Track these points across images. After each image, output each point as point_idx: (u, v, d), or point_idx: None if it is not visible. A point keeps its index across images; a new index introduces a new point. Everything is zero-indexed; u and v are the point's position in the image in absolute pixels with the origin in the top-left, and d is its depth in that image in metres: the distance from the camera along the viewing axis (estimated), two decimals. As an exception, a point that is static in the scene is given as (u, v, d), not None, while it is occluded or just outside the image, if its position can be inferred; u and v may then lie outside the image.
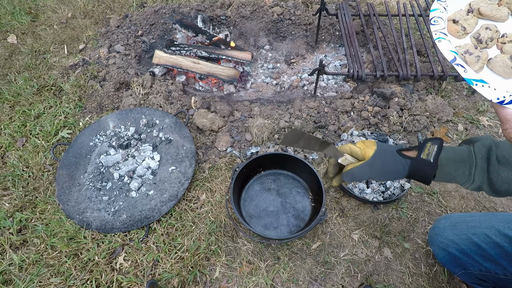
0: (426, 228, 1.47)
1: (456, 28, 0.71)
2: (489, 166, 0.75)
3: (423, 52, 2.11)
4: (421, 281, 1.34)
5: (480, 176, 0.76)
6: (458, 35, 0.71)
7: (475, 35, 0.70)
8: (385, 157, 0.83)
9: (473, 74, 0.64)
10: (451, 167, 0.78)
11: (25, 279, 1.35)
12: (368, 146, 0.86)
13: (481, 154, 0.76)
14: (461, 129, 1.80)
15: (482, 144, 0.77)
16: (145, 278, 1.35)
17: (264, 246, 1.44)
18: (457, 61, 0.66)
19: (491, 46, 0.70)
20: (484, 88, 0.61)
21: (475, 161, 0.76)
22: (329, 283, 1.35)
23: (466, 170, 0.77)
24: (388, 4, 2.44)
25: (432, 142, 0.81)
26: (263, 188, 1.57)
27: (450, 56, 0.66)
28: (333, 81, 2.19)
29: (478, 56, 0.66)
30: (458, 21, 0.71)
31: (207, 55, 2.16)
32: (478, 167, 0.76)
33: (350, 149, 0.88)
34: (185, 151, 1.68)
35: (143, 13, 2.43)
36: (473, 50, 0.67)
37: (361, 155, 0.87)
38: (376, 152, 0.84)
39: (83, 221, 1.49)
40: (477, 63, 0.66)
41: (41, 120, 1.91)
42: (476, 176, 0.76)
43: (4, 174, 1.69)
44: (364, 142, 0.89)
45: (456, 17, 0.72)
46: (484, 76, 0.65)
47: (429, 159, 0.78)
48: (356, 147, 0.87)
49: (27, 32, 2.50)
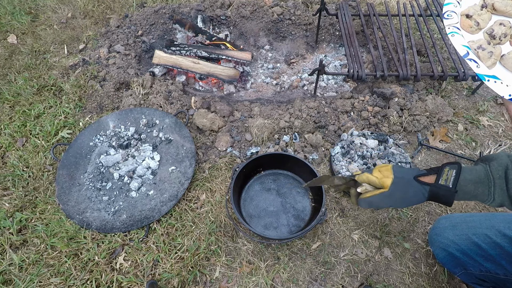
0: (426, 228, 1.47)
1: (470, 23, 0.70)
2: (507, 184, 0.74)
3: (423, 52, 2.11)
4: (421, 281, 1.34)
5: (500, 195, 0.76)
6: (471, 30, 0.70)
7: (489, 30, 0.69)
8: (404, 186, 0.83)
9: (486, 70, 0.63)
10: (470, 187, 0.78)
11: (25, 279, 1.35)
12: (385, 175, 0.86)
13: (498, 174, 0.76)
14: (461, 129, 1.80)
15: (498, 164, 0.77)
16: (145, 278, 1.35)
17: (264, 246, 1.44)
18: (469, 56, 0.65)
19: (504, 42, 0.69)
20: (496, 84, 0.61)
21: (493, 181, 0.76)
22: (329, 283, 1.35)
23: (486, 190, 0.77)
24: (388, 4, 2.44)
25: (450, 167, 0.81)
26: (263, 188, 1.57)
27: (463, 51, 0.66)
28: (333, 81, 2.19)
29: (491, 52, 0.65)
30: (471, 16, 0.70)
31: (207, 55, 2.16)
32: (497, 186, 0.76)
33: (368, 178, 0.89)
34: (185, 151, 1.68)
35: (143, 13, 2.43)
36: (486, 45, 0.66)
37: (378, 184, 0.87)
38: (394, 182, 0.84)
39: (83, 221, 1.49)
40: (490, 58, 0.65)
41: (41, 120, 1.91)
42: (496, 195, 0.76)
43: (4, 174, 1.69)
44: (380, 170, 0.88)
45: (470, 12, 0.71)
46: (496, 72, 0.64)
47: (447, 184, 0.79)
48: (373, 177, 0.87)
49: (27, 32, 2.50)
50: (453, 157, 1.70)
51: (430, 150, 1.73)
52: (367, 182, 0.89)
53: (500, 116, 1.87)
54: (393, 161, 1.59)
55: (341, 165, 1.61)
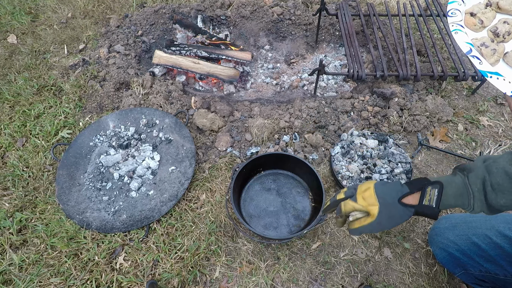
0: (426, 228, 1.47)
1: (474, 21, 0.70)
2: (486, 195, 0.78)
3: (423, 52, 2.11)
4: (421, 281, 1.34)
5: (479, 206, 0.79)
6: (475, 28, 0.71)
7: (493, 28, 0.70)
8: (389, 211, 0.86)
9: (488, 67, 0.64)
10: (451, 200, 0.82)
11: (25, 279, 1.35)
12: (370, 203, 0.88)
13: (476, 187, 0.79)
14: (461, 129, 1.80)
15: (476, 176, 0.79)
16: (145, 278, 1.35)
17: (264, 246, 1.44)
18: (472, 53, 0.65)
19: (508, 40, 0.69)
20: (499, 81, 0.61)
21: (473, 194, 0.79)
22: (329, 283, 1.35)
23: (466, 201, 0.80)
24: (388, 4, 2.44)
25: (432, 187, 0.83)
26: (263, 188, 1.57)
27: (466, 48, 0.66)
28: (333, 81, 2.19)
29: (494, 49, 0.66)
30: (475, 14, 0.71)
31: (207, 55, 2.16)
32: (476, 199, 0.79)
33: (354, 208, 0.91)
34: (185, 151, 1.68)
35: (143, 13, 2.43)
36: (489, 43, 0.67)
37: (365, 210, 0.90)
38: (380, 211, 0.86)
39: (83, 221, 1.49)
40: (493, 56, 0.65)
41: (41, 120, 1.91)
42: (475, 205, 0.79)
43: (4, 174, 1.69)
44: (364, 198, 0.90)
45: (474, 10, 0.71)
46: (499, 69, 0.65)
47: (431, 204, 0.81)
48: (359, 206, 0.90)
49: (27, 32, 2.50)
50: (453, 157, 1.70)
51: (430, 150, 1.73)
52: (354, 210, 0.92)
53: (500, 116, 1.87)
54: (393, 161, 1.60)
55: (341, 165, 1.61)
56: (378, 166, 1.58)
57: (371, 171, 1.58)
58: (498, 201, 0.76)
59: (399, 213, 0.85)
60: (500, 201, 0.76)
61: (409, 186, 0.87)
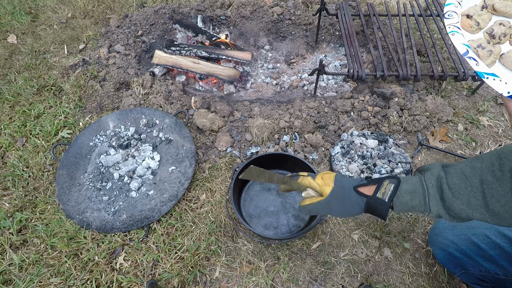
0: (426, 228, 1.47)
1: (470, 23, 0.71)
2: (442, 194, 0.75)
3: (423, 52, 2.11)
4: (421, 281, 1.34)
5: (435, 205, 0.76)
6: (472, 30, 0.71)
7: (489, 30, 0.71)
8: (342, 195, 0.85)
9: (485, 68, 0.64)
10: (406, 197, 0.79)
11: (25, 279, 1.35)
12: (326, 183, 0.88)
13: (431, 183, 0.77)
14: (461, 129, 1.80)
15: (431, 174, 0.78)
16: (145, 278, 1.35)
17: (264, 246, 1.44)
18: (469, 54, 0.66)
19: (504, 41, 0.70)
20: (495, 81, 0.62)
21: (427, 190, 0.77)
22: (329, 283, 1.35)
23: (421, 201, 0.77)
24: (388, 4, 2.44)
25: (390, 181, 0.82)
26: (263, 188, 1.57)
27: (463, 49, 0.67)
28: (333, 81, 2.19)
29: (491, 51, 0.66)
30: (472, 16, 0.72)
31: (207, 55, 2.16)
32: (431, 196, 0.76)
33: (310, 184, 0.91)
34: (185, 151, 1.68)
35: (143, 13, 2.43)
36: (485, 44, 0.67)
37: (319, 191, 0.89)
38: (333, 191, 0.86)
39: (83, 221, 1.49)
40: (489, 57, 0.66)
41: (41, 120, 1.91)
42: (431, 205, 0.76)
43: (4, 174, 1.69)
44: (323, 178, 0.90)
45: (470, 12, 0.72)
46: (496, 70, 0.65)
47: (384, 198, 0.80)
48: (315, 183, 0.89)
49: (27, 32, 2.50)
50: (453, 157, 1.70)
51: (430, 150, 1.73)
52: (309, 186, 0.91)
53: (500, 116, 1.87)
54: (393, 161, 1.60)
55: (341, 165, 1.61)
56: (378, 166, 1.58)
57: (371, 171, 1.58)
58: (455, 201, 0.73)
59: (350, 199, 0.84)
60: (457, 202, 0.73)
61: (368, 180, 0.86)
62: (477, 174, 0.71)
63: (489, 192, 0.69)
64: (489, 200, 0.69)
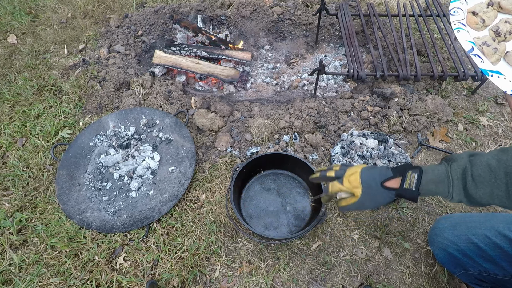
0: (426, 228, 1.47)
1: (475, 20, 0.71)
2: (465, 185, 0.81)
3: (423, 52, 2.11)
4: (421, 281, 1.34)
5: (457, 194, 0.82)
6: (477, 27, 0.71)
7: (494, 28, 0.70)
8: (372, 193, 0.93)
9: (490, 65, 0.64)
10: (432, 186, 0.86)
11: (25, 279, 1.35)
12: (354, 185, 0.96)
13: (456, 175, 0.82)
14: (461, 129, 1.80)
15: (457, 165, 0.83)
16: (145, 278, 1.35)
17: (264, 246, 1.44)
18: (474, 51, 0.66)
19: (509, 39, 0.70)
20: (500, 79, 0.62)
21: (452, 182, 0.83)
22: (329, 283, 1.35)
23: (446, 189, 0.84)
24: (388, 4, 2.44)
25: (412, 171, 0.89)
26: (263, 188, 1.57)
27: (468, 46, 0.67)
28: (333, 81, 2.19)
29: (496, 48, 0.66)
30: (477, 13, 0.71)
31: (207, 55, 2.16)
32: (455, 186, 0.82)
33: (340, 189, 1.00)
34: (185, 151, 1.68)
35: (143, 13, 2.43)
36: (491, 42, 0.67)
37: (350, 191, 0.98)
38: (363, 192, 0.94)
39: (83, 221, 1.49)
40: (494, 55, 0.66)
41: (41, 120, 1.91)
42: (454, 194, 0.83)
43: (4, 174, 1.69)
44: (350, 181, 0.97)
45: (476, 9, 0.72)
46: (500, 68, 0.65)
47: (411, 188, 0.87)
48: (344, 188, 0.98)
49: (27, 32, 2.50)
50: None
51: (430, 150, 1.73)
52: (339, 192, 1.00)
53: (500, 116, 1.87)
54: (393, 161, 1.60)
55: (341, 165, 1.61)
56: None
57: (371, 171, 1.58)
58: (477, 191, 0.79)
59: (381, 195, 0.92)
60: (478, 192, 0.79)
61: (393, 171, 0.93)
62: (502, 167, 0.75)
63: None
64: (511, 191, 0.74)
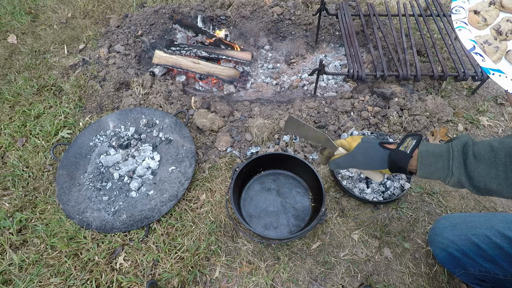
0: (426, 228, 1.47)
1: (477, 19, 0.71)
2: (466, 159, 0.79)
3: (423, 52, 2.11)
4: (421, 281, 1.34)
5: (457, 168, 0.80)
6: (479, 25, 0.71)
7: (496, 26, 0.71)
8: (367, 148, 0.94)
9: (491, 64, 0.64)
10: (431, 159, 0.83)
11: (25, 279, 1.35)
12: (355, 139, 0.97)
13: (457, 148, 0.81)
14: (461, 129, 1.80)
15: (459, 140, 0.82)
16: (145, 278, 1.35)
17: (264, 246, 1.44)
18: (476, 50, 0.66)
19: (511, 38, 0.70)
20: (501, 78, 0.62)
21: (452, 154, 0.81)
22: (329, 283, 1.35)
23: (445, 163, 0.81)
24: (388, 4, 2.44)
25: (412, 137, 0.89)
26: (263, 188, 1.57)
27: (469, 45, 0.67)
28: (333, 81, 2.19)
29: (497, 47, 0.66)
30: (479, 12, 0.71)
31: (207, 55, 2.16)
32: (455, 159, 0.80)
33: (341, 143, 1.02)
34: (185, 151, 1.68)
35: (143, 13, 2.43)
36: (492, 40, 0.67)
37: (348, 147, 0.99)
38: (359, 144, 0.95)
39: (83, 221, 1.49)
40: (496, 53, 0.66)
41: (41, 120, 1.91)
42: (454, 168, 0.80)
43: (4, 174, 1.69)
44: (353, 137, 0.99)
45: (478, 8, 0.72)
46: (502, 67, 0.65)
47: (406, 151, 0.87)
48: (345, 141, 1.00)
49: (27, 32, 2.50)
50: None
51: (430, 150, 1.73)
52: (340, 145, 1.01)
53: (500, 116, 1.87)
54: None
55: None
56: (378, 166, 1.58)
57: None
58: (476, 168, 0.77)
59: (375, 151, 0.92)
60: (478, 168, 0.77)
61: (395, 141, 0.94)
62: (504, 148, 0.75)
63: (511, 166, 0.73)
64: (510, 173, 0.73)
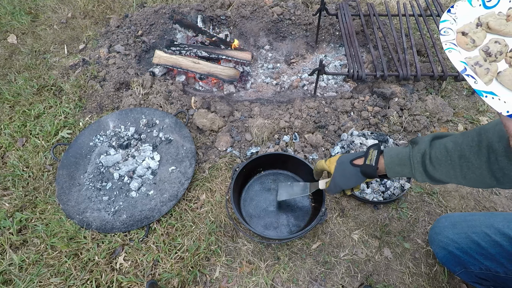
0: (426, 228, 1.47)
1: (466, 40, 0.71)
2: (425, 168, 0.90)
3: (423, 52, 2.11)
4: (421, 281, 1.34)
5: (420, 176, 0.93)
6: (467, 47, 0.71)
7: (484, 48, 0.71)
8: (343, 170, 1.08)
9: (483, 86, 0.64)
10: (397, 168, 0.97)
11: (25, 279, 1.35)
12: (332, 162, 1.12)
13: (416, 159, 0.91)
14: (461, 129, 1.80)
15: (418, 149, 0.92)
16: (145, 278, 1.35)
17: (264, 246, 1.44)
18: (467, 71, 0.66)
19: (500, 59, 0.70)
20: (494, 100, 0.61)
21: (413, 165, 0.93)
22: (329, 283, 1.35)
23: (409, 170, 0.94)
24: (388, 4, 2.44)
25: (373, 148, 1.02)
26: (263, 188, 1.57)
27: (460, 67, 0.66)
28: (333, 81, 2.19)
29: (488, 69, 0.66)
30: (467, 34, 0.72)
31: (207, 55, 2.16)
32: (416, 170, 0.92)
33: (322, 166, 1.18)
34: (185, 151, 1.68)
35: (143, 13, 2.43)
36: (482, 62, 0.67)
37: (328, 170, 1.14)
38: (336, 167, 1.10)
39: (83, 221, 1.49)
40: (487, 75, 0.66)
41: (41, 120, 1.91)
42: (416, 175, 0.93)
43: (4, 174, 1.69)
44: (330, 159, 1.14)
45: (466, 29, 0.72)
46: (494, 89, 0.65)
47: (371, 163, 1.00)
48: (325, 164, 1.16)
49: (27, 32, 2.50)
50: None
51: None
52: (322, 168, 1.19)
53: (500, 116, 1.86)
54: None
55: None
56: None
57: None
58: (435, 172, 0.88)
59: (350, 172, 1.05)
60: (436, 173, 0.88)
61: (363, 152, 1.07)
62: (457, 150, 0.83)
63: (466, 165, 0.82)
64: (466, 172, 0.82)
